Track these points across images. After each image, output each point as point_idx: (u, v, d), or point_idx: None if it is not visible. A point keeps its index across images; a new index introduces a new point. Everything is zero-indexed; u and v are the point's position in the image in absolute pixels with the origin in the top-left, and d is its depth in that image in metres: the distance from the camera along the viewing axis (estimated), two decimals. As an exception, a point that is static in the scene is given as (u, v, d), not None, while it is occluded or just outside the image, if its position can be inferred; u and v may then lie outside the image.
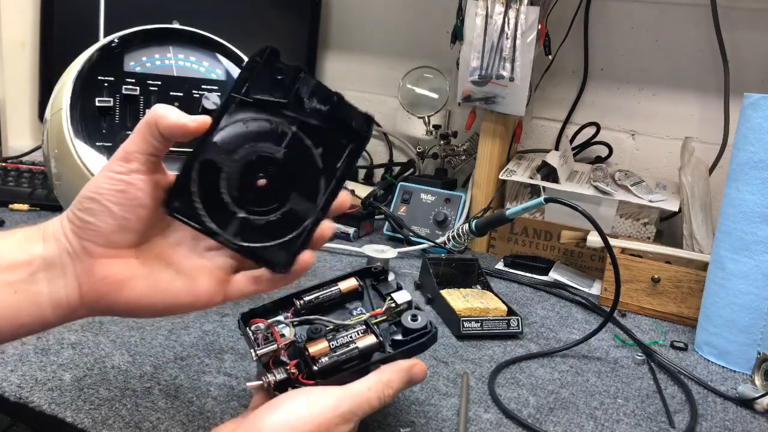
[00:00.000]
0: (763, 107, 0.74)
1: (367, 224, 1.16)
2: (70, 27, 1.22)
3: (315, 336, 0.52)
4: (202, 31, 0.85)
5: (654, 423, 0.63)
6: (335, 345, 0.51)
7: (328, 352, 0.50)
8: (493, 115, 1.13)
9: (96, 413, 0.54)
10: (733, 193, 0.78)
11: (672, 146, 1.21)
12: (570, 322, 0.88)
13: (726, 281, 0.78)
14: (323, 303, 0.56)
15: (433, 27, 1.40)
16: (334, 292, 0.57)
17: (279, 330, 0.52)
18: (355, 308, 0.57)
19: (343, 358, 0.50)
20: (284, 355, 0.51)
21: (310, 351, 0.50)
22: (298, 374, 0.49)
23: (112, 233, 0.45)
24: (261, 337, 0.51)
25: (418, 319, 0.54)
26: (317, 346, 0.51)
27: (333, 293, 0.57)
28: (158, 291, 0.47)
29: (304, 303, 0.55)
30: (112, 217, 0.45)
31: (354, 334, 0.52)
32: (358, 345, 0.51)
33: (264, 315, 0.54)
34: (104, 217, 0.45)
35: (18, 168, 1.14)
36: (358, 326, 0.53)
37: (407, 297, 0.56)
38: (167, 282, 0.48)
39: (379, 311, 0.55)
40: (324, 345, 0.51)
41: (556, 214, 1.10)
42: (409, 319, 0.54)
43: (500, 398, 0.64)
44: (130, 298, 0.47)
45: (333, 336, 0.52)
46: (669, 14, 1.18)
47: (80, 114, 0.75)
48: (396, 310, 0.56)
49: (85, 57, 0.78)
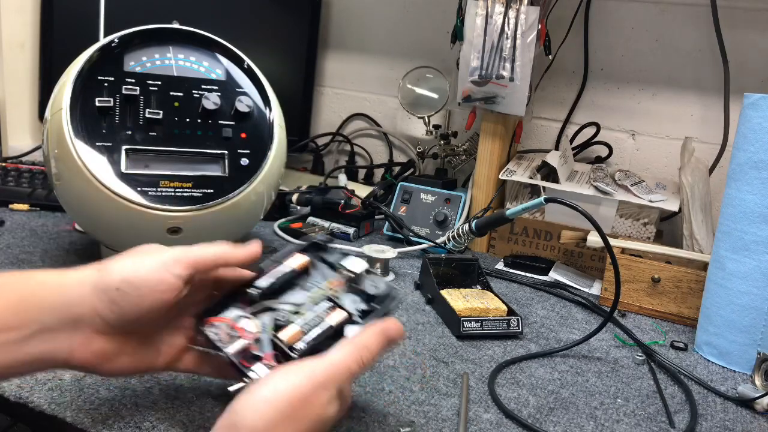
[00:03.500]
0: (763, 107, 0.74)
1: (367, 224, 1.16)
2: (70, 27, 1.22)
3: (282, 322, 0.51)
4: (202, 31, 0.85)
5: (654, 423, 0.63)
6: (307, 327, 0.50)
7: (301, 336, 0.50)
8: (493, 115, 1.13)
9: (96, 413, 0.54)
10: (733, 193, 0.78)
11: (672, 146, 1.21)
12: (570, 322, 0.88)
13: (726, 281, 0.78)
14: (279, 286, 0.54)
15: (433, 27, 1.40)
16: (288, 273, 0.55)
17: (240, 325, 0.51)
18: (310, 285, 0.55)
19: (319, 339, 0.50)
20: (255, 349, 0.50)
21: (283, 339, 0.49)
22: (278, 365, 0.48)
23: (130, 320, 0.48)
24: (223, 335, 0.50)
25: (379, 284, 0.54)
26: (289, 332, 0.50)
27: (288, 275, 0.55)
28: (134, 364, 0.51)
29: (259, 291, 0.53)
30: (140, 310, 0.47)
31: (322, 313, 0.51)
32: (329, 322, 0.51)
33: (217, 311, 0.52)
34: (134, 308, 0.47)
35: (18, 168, 1.14)
36: (322, 303, 0.52)
37: (362, 264, 0.56)
38: (142, 356, 0.51)
39: (337, 282, 0.54)
40: (296, 329, 0.50)
41: (556, 214, 1.10)
42: (370, 285, 0.54)
43: (500, 398, 0.64)
44: (113, 369, 0.50)
45: (300, 318, 0.51)
46: (669, 14, 1.18)
47: (80, 114, 0.75)
48: (353, 278, 0.55)
49: (85, 57, 0.78)
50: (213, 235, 0.82)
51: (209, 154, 0.80)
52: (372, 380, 0.65)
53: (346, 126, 1.56)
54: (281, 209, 1.18)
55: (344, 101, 1.56)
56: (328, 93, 1.58)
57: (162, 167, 0.77)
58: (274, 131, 0.84)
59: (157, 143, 0.78)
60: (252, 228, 0.91)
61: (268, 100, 0.85)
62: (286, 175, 1.17)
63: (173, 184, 0.77)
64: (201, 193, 0.77)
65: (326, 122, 1.58)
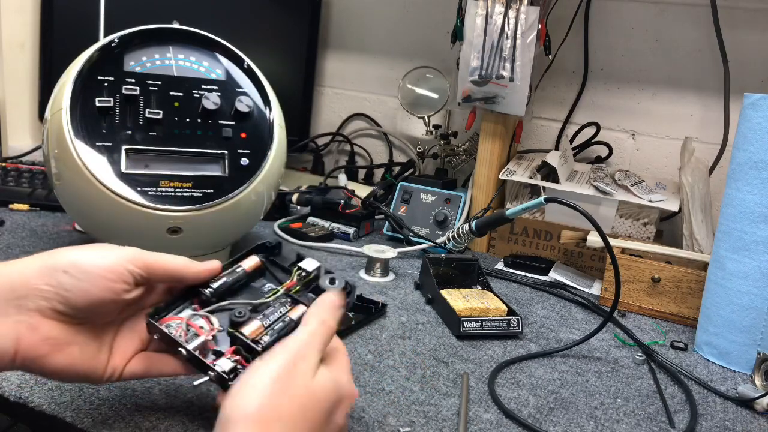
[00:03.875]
0: (763, 107, 0.74)
1: (367, 224, 1.16)
2: (70, 27, 1.22)
3: (240, 319, 0.50)
4: (202, 31, 0.85)
5: (654, 423, 0.63)
6: (268, 322, 0.50)
7: (263, 331, 0.49)
8: (493, 115, 1.13)
9: (96, 413, 0.54)
10: (733, 193, 0.78)
11: (672, 146, 1.21)
12: (570, 322, 0.88)
13: (726, 281, 0.78)
14: (231, 287, 0.54)
15: (433, 27, 1.40)
16: (240, 273, 0.54)
17: (196, 323, 0.50)
18: (262, 286, 0.55)
19: (284, 333, 0.49)
20: (213, 346, 0.50)
21: (245, 333, 0.49)
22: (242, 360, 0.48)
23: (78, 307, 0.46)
24: (180, 332, 0.50)
25: (335, 281, 0.54)
26: (251, 327, 0.50)
27: (239, 275, 0.54)
28: (85, 360, 0.48)
29: (212, 291, 0.52)
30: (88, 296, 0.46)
31: (281, 308, 0.51)
32: (292, 316, 0.51)
33: (169, 311, 0.52)
34: (82, 293, 0.46)
35: (18, 168, 1.14)
36: (281, 300, 0.52)
37: (315, 263, 0.55)
38: (94, 353, 0.49)
39: (292, 282, 0.54)
40: (257, 324, 0.50)
41: (556, 214, 1.10)
42: (328, 282, 0.54)
43: (500, 398, 0.64)
44: (63, 363, 0.47)
45: (260, 315, 0.51)
46: (669, 14, 1.18)
47: (80, 114, 0.75)
48: (308, 278, 0.55)
49: (85, 57, 0.78)
50: (213, 235, 0.82)
51: (209, 154, 0.80)
52: (372, 380, 0.65)
53: (346, 126, 1.56)
54: (281, 209, 1.18)
55: (344, 101, 1.56)
56: (328, 93, 1.58)
57: (162, 167, 0.77)
58: (274, 131, 0.84)
59: (157, 143, 0.78)
60: (252, 228, 0.91)
61: (268, 100, 0.85)
62: (286, 175, 1.17)
63: (173, 184, 0.77)
64: (201, 193, 0.77)
65: (326, 122, 1.58)
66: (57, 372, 0.47)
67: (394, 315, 0.82)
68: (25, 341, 0.45)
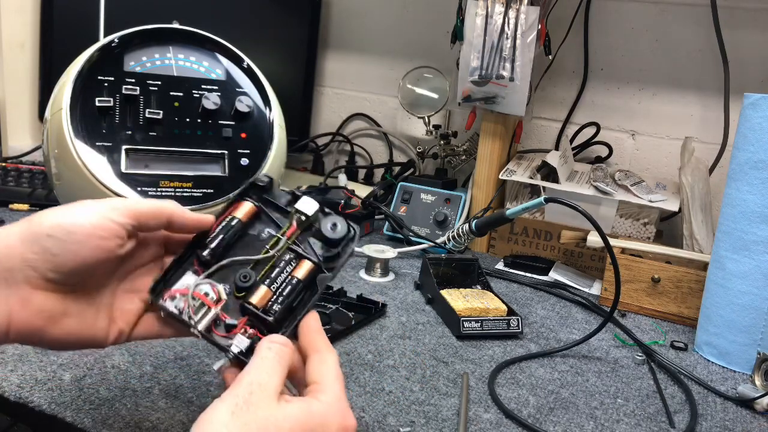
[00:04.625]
0: (763, 107, 0.74)
1: (367, 224, 1.16)
2: (70, 27, 1.22)
3: (246, 284, 0.47)
4: (202, 31, 0.85)
5: (654, 423, 0.63)
6: (275, 286, 0.47)
7: (271, 296, 0.47)
8: (493, 115, 1.13)
9: (96, 413, 0.54)
10: (733, 193, 0.78)
11: (672, 146, 1.21)
12: (570, 322, 0.88)
13: (726, 281, 0.78)
14: (229, 243, 0.49)
15: (433, 27, 1.40)
16: (236, 226, 0.50)
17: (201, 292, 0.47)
18: (260, 233, 0.51)
19: (292, 297, 0.47)
20: (225, 317, 0.47)
21: (254, 303, 0.47)
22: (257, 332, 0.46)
23: (67, 270, 0.43)
24: (187, 307, 0.46)
25: (338, 226, 0.50)
26: (258, 294, 0.47)
27: (236, 227, 0.50)
28: (84, 329, 0.46)
29: (210, 251, 0.48)
30: (76, 257, 0.43)
31: (287, 267, 0.48)
32: (297, 276, 0.48)
33: (170, 281, 0.48)
34: (70, 254, 0.43)
35: (18, 168, 1.14)
36: (283, 256, 0.49)
37: (314, 205, 0.51)
38: (92, 320, 0.47)
39: (293, 229, 0.50)
40: (264, 290, 0.47)
41: (556, 214, 1.10)
42: (329, 228, 0.50)
43: (500, 398, 0.64)
44: (60, 334, 0.45)
45: (265, 276, 0.48)
46: (669, 14, 1.18)
47: (80, 114, 0.75)
48: (308, 222, 0.51)
49: (85, 57, 0.78)
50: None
51: (209, 154, 0.80)
52: (372, 380, 0.65)
53: (346, 126, 1.56)
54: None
55: (344, 101, 1.56)
56: (328, 93, 1.58)
57: (162, 167, 0.77)
58: (274, 131, 0.84)
59: (157, 143, 0.78)
60: (252, 228, 0.91)
61: (268, 100, 0.85)
62: (286, 175, 1.17)
63: (173, 183, 0.77)
64: (201, 193, 0.77)
65: (326, 122, 1.58)
66: (55, 343, 0.45)
67: (394, 315, 0.82)
68: (17, 316, 0.42)
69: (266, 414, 0.39)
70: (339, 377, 0.44)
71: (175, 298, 0.47)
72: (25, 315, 0.43)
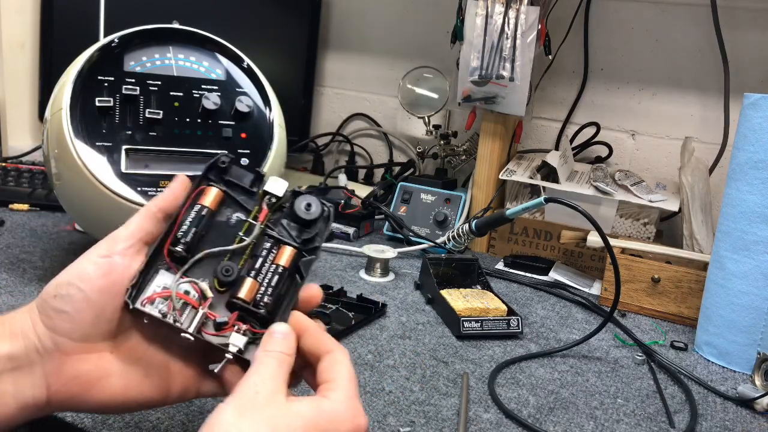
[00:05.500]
0: (763, 107, 0.74)
1: (367, 224, 1.16)
2: (70, 27, 1.22)
3: (229, 278, 0.45)
4: (202, 31, 0.85)
5: (654, 423, 0.63)
6: (261, 277, 0.46)
7: (257, 288, 0.45)
8: (493, 115, 1.13)
9: (96, 413, 0.54)
10: (733, 193, 0.78)
11: (672, 146, 1.21)
12: (570, 322, 0.87)
13: (726, 281, 0.78)
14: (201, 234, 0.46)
15: (433, 27, 1.40)
16: (206, 215, 0.47)
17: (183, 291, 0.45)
18: (228, 219, 0.48)
19: (280, 286, 0.46)
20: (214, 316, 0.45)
21: (243, 297, 0.45)
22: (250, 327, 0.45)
23: (87, 325, 0.42)
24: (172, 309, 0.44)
25: (312, 206, 0.48)
26: (244, 288, 0.45)
27: (206, 217, 0.47)
28: (131, 389, 0.44)
29: (184, 246, 0.45)
30: (90, 307, 0.42)
31: (268, 255, 0.46)
32: (281, 263, 0.46)
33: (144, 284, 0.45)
34: (82, 305, 0.42)
35: (18, 168, 1.14)
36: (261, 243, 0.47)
37: (283, 184, 0.48)
38: (140, 379, 0.44)
39: (265, 212, 0.48)
40: (250, 283, 0.45)
41: (556, 214, 1.10)
42: (303, 208, 0.48)
43: (500, 398, 0.64)
44: (102, 398, 0.43)
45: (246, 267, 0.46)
46: (669, 14, 1.18)
47: (80, 114, 0.75)
48: (279, 203, 0.48)
49: (85, 57, 0.78)
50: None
51: (209, 154, 0.80)
52: (372, 380, 0.65)
53: (346, 126, 1.56)
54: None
55: (344, 101, 1.56)
56: (328, 93, 1.58)
57: (162, 167, 0.77)
58: (274, 131, 0.84)
59: (157, 143, 0.78)
60: (252, 228, 0.91)
61: (268, 100, 0.85)
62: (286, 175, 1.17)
63: (173, 184, 0.77)
64: (201, 193, 0.77)
65: (326, 122, 1.58)
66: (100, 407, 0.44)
67: (394, 315, 0.82)
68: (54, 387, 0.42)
69: (275, 412, 0.38)
70: (352, 376, 0.42)
71: (154, 301, 0.44)
72: (61, 383, 0.42)
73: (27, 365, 0.41)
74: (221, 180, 0.48)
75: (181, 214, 0.46)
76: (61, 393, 0.42)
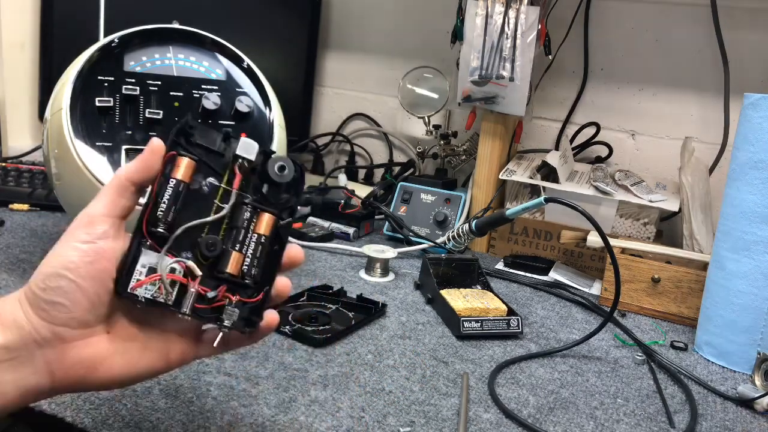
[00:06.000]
0: (763, 107, 0.74)
1: (367, 224, 1.16)
2: (70, 27, 1.22)
3: (213, 253, 0.45)
4: (202, 31, 0.85)
5: (654, 423, 0.63)
6: (245, 249, 0.45)
7: (242, 260, 0.45)
8: (493, 115, 1.13)
9: (96, 413, 0.54)
10: (733, 193, 0.78)
11: (672, 146, 1.21)
12: (570, 322, 0.88)
13: (726, 281, 0.78)
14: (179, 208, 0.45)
15: (433, 27, 1.40)
16: (182, 189, 0.45)
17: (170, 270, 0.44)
18: (202, 186, 0.46)
19: (265, 257, 0.46)
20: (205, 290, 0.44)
21: (230, 271, 0.45)
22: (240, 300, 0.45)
23: (84, 312, 0.42)
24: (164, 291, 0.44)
25: (286, 168, 0.47)
26: (231, 262, 0.45)
27: (182, 191, 0.45)
28: (132, 365, 0.44)
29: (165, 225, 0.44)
30: (84, 294, 0.41)
31: (249, 225, 0.46)
32: (263, 233, 0.46)
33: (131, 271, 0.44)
34: (76, 295, 0.41)
35: (18, 168, 1.14)
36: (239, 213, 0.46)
37: (254, 146, 0.47)
38: (140, 354, 0.45)
39: (239, 178, 0.46)
40: (234, 256, 0.45)
41: (556, 214, 1.10)
42: (276, 170, 0.47)
43: (500, 398, 0.64)
44: (107, 377, 0.44)
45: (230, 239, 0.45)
46: (669, 14, 1.18)
47: (80, 114, 0.75)
48: (251, 166, 0.47)
49: (85, 57, 0.78)
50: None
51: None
52: (372, 380, 0.65)
53: (346, 126, 1.56)
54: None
55: (344, 101, 1.56)
56: (328, 93, 1.58)
57: (162, 167, 0.77)
58: (274, 131, 0.84)
59: (157, 143, 0.78)
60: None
61: (268, 100, 0.85)
62: (286, 175, 1.17)
63: (173, 184, 0.77)
64: (201, 193, 0.77)
65: (326, 122, 1.58)
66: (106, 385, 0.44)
67: (394, 315, 0.82)
68: (58, 373, 0.42)
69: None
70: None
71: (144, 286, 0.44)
72: (64, 370, 0.42)
73: (26, 355, 0.41)
74: (190, 144, 0.46)
75: (155, 187, 0.45)
76: (65, 379, 0.42)
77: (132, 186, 0.45)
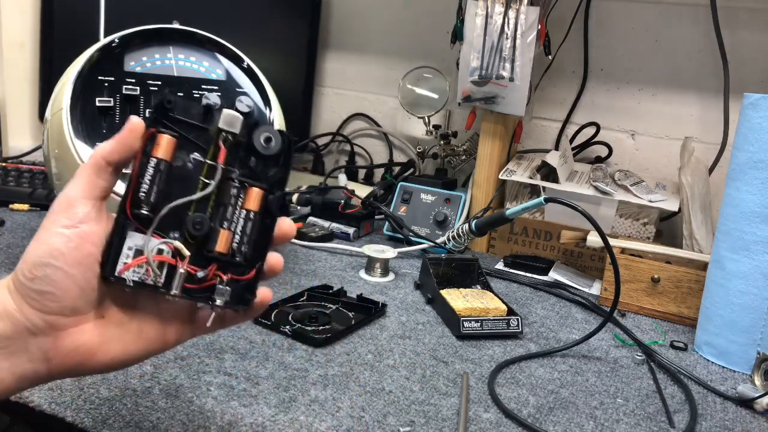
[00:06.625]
0: (763, 107, 0.74)
1: (367, 224, 1.16)
2: (70, 27, 1.22)
3: (201, 232, 0.43)
4: (202, 31, 0.85)
5: (654, 423, 0.63)
6: (234, 226, 0.44)
7: (231, 237, 0.44)
8: (493, 115, 1.13)
9: (96, 413, 0.54)
10: (733, 193, 0.78)
11: (672, 146, 1.21)
12: (570, 322, 0.88)
13: (726, 281, 0.78)
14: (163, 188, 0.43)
15: (433, 27, 1.40)
16: (163, 168, 0.43)
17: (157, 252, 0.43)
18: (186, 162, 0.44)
19: (255, 233, 0.44)
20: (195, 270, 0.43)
21: (219, 250, 0.43)
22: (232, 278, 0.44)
23: (75, 299, 0.41)
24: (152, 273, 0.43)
25: (272, 140, 0.45)
26: (220, 241, 0.43)
27: (163, 170, 0.43)
28: (129, 347, 0.44)
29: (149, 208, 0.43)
30: (73, 281, 0.40)
31: (237, 202, 0.45)
32: (251, 209, 0.45)
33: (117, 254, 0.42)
34: (64, 283, 0.40)
35: (18, 168, 1.14)
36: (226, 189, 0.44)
37: (237, 117, 0.44)
38: (136, 336, 0.44)
39: (224, 152, 0.44)
40: (223, 234, 0.44)
41: (556, 214, 1.10)
42: (263, 142, 0.45)
43: (500, 398, 0.64)
44: (104, 360, 0.43)
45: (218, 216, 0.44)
46: (669, 14, 1.18)
47: (80, 114, 0.75)
48: (236, 139, 0.45)
49: (85, 57, 0.78)
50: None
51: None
52: (372, 380, 0.65)
53: (346, 126, 1.56)
54: (281, 209, 1.18)
55: (344, 101, 1.56)
56: (328, 93, 1.58)
57: (162, 167, 0.77)
58: (274, 131, 0.84)
59: (157, 143, 0.78)
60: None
61: (268, 100, 0.86)
62: (286, 175, 1.17)
63: (173, 184, 0.77)
64: (201, 193, 0.77)
65: (326, 122, 1.59)
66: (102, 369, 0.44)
67: (394, 315, 0.83)
68: (54, 360, 0.41)
69: None
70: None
71: (133, 270, 0.43)
72: (61, 357, 0.42)
73: (20, 344, 0.41)
74: (170, 120, 0.44)
75: (136, 168, 0.43)
76: (62, 365, 0.42)
77: (109, 166, 0.43)
